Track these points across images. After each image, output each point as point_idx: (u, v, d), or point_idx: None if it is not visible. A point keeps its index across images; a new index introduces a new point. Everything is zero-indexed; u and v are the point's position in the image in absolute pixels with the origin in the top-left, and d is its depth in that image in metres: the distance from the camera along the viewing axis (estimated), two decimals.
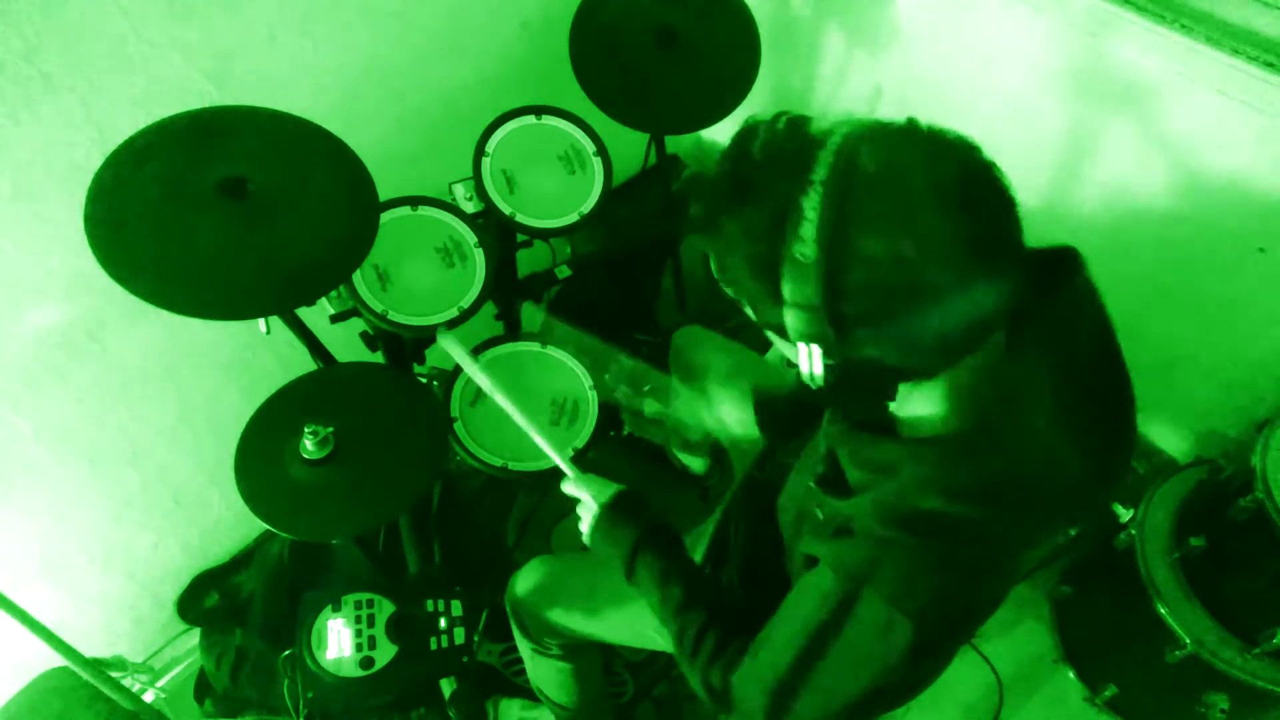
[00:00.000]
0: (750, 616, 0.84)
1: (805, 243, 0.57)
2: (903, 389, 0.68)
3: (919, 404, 0.70)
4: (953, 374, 0.67)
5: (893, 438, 0.73)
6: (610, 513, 1.04)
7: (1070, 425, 0.66)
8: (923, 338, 0.60)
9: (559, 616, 1.24)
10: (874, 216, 0.57)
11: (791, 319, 0.61)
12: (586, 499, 1.07)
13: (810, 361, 0.63)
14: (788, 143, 0.61)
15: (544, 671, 1.35)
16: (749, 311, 0.69)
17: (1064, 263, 0.70)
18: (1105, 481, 0.71)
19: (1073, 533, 1.70)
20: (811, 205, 0.57)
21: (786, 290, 0.60)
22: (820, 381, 0.64)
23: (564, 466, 1.13)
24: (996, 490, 0.65)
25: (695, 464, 1.80)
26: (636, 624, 1.16)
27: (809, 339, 0.61)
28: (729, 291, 0.69)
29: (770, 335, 0.69)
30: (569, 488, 1.11)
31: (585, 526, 1.06)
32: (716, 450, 1.75)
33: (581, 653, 1.31)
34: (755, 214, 0.61)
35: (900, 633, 0.68)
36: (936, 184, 0.57)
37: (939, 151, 0.59)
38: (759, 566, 1.01)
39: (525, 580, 1.27)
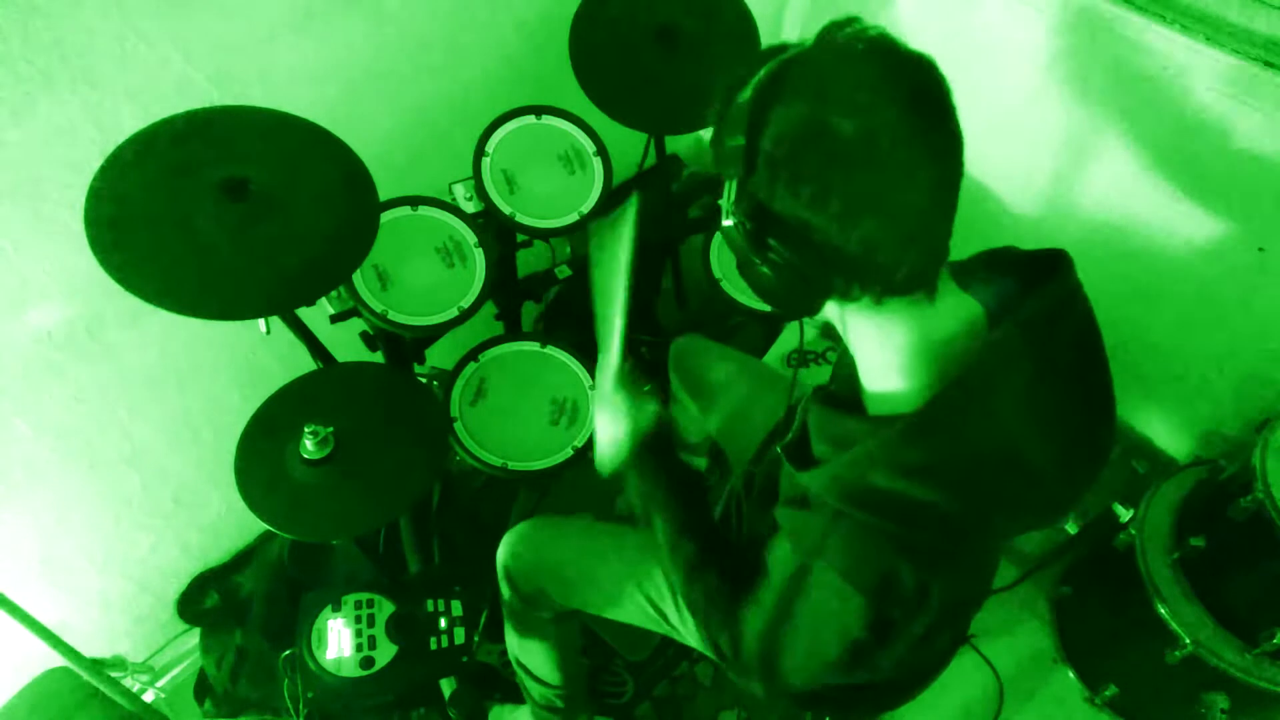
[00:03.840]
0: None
1: (747, 89, 0.64)
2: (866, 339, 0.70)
3: (886, 379, 0.71)
4: (924, 353, 0.68)
5: (858, 414, 0.74)
6: (642, 453, 0.98)
7: (1041, 418, 0.66)
8: (824, 197, 0.61)
9: (547, 577, 1.24)
10: (803, 70, 0.63)
11: (721, 161, 0.66)
12: (622, 407, 0.97)
13: (729, 201, 0.66)
14: (784, 43, 0.67)
15: (528, 640, 1.34)
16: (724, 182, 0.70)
17: (1052, 262, 0.72)
18: (1073, 478, 0.71)
19: (1072, 531, 1.70)
20: (764, 68, 0.64)
21: (726, 134, 0.65)
22: (736, 234, 0.67)
23: (616, 360, 0.97)
24: (946, 471, 0.65)
25: (696, 463, 1.80)
26: (621, 595, 1.18)
27: (731, 175, 0.65)
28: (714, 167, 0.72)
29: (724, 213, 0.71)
30: (605, 379, 0.99)
31: (606, 448, 0.99)
32: (715, 450, 1.75)
33: (567, 620, 1.31)
34: (730, 74, 0.68)
35: (854, 607, 0.69)
36: (869, 52, 0.62)
37: (887, 45, 0.63)
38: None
39: (517, 537, 1.27)
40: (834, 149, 0.59)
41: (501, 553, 1.28)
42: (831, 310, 0.72)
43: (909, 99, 0.60)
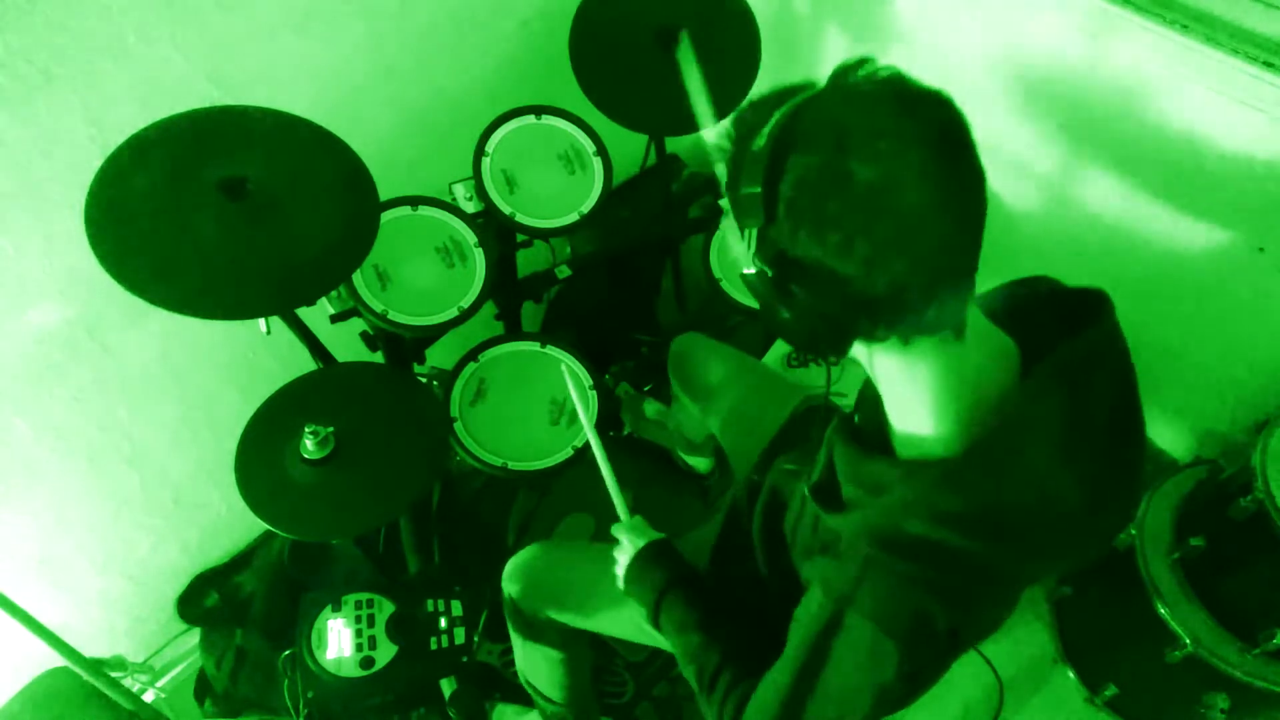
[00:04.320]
0: (765, 649, 0.83)
1: (761, 136, 0.62)
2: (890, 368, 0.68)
3: (916, 418, 0.69)
4: (954, 390, 0.67)
5: (888, 456, 0.72)
6: (642, 558, 1.06)
7: (1075, 466, 0.65)
8: (850, 243, 0.59)
9: (553, 603, 1.24)
10: (819, 117, 0.61)
11: (739, 209, 0.64)
12: (626, 543, 1.10)
13: (748, 249, 0.65)
14: (792, 85, 0.66)
15: (535, 661, 1.34)
16: (735, 228, 0.70)
17: (1092, 304, 0.70)
18: (1104, 526, 0.71)
19: None
20: (778, 112, 0.62)
21: (742, 181, 0.64)
22: (758, 281, 0.66)
23: (623, 514, 1.15)
24: (984, 520, 0.64)
25: (700, 464, 1.79)
26: (630, 616, 1.17)
27: (750, 223, 0.64)
28: (726, 210, 0.72)
29: (737, 250, 0.69)
30: (619, 532, 1.13)
31: (620, 569, 1.09)
32: (719, 451, 1.75)
33: (574, 641, 1.31)
34: (739, 119, 0.67)
35: (888, 655, 0.67)
36: (889, 94, 0.60)
37: (901, 86, 0.61)
38: (760, 573, 1.01)
39: (521, 564, 1.27)
40: (856, 196, 0.58)
41: (505, 584, 1.28)
42: (859, 351, 0.70)
43: (928, 141, 0.59)
